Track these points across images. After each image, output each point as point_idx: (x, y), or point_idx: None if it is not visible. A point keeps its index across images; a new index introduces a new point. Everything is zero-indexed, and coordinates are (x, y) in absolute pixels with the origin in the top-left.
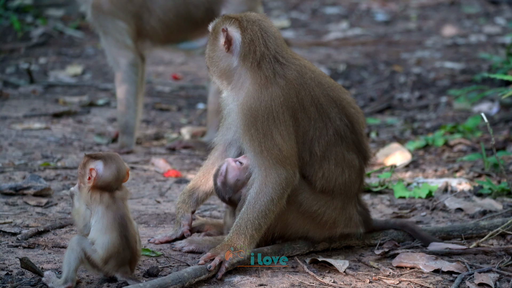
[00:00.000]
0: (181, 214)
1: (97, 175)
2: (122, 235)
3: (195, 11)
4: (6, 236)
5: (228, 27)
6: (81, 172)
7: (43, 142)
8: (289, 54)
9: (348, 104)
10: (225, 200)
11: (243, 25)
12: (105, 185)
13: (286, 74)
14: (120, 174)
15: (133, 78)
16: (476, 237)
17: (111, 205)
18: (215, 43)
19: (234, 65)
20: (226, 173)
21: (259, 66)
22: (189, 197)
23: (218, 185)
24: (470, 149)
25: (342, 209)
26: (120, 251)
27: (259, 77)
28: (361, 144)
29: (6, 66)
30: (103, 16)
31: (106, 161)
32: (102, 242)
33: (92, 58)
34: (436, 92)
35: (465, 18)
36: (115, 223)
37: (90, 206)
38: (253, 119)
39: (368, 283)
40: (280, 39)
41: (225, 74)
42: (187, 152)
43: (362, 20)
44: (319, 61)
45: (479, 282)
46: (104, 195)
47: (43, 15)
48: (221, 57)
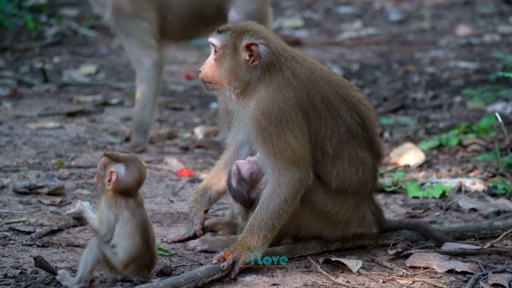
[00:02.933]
0: (193, 213)
1: (117, 178)
2: (144, 240)
3: (207, 8)
4: (20, 235)
5: (251, 42)
6: (100, 173)
7: (57, 141)
8: (298, 53)
9: (358, 101)
10: (244, 198)
11: (265, 37)
12: (127, 189)
13: (300, 73)
14: (141, 178)
15: (156, 77)
16: (490, 237)
17: (135, 211)
18: (236, 57)
19: (256, 75)
20: (238, 170)
21: (281, 70)
22: (202, 196)
23: (234, 186)
24: (484, 149)
25: (355, 208)
26: (141, 256)
27: (276, 81)
28: (373, 142)
29: (21, 65)
30: (125, 17)
31: (128, 165)
32: (125, 246)
33: (105, 57)
34: (450, 91)
35: (479, 18)
36: (138, 229)
37: (115, 211)
38: (266, 123)
39: (381, 283)
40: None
41: (243, 85)
42: (200, 151)
43: (376, 19)
44: (332, 60)
45: (493, 283)
46: (129, 200)
47: (57, 14)
48: (243, 70)
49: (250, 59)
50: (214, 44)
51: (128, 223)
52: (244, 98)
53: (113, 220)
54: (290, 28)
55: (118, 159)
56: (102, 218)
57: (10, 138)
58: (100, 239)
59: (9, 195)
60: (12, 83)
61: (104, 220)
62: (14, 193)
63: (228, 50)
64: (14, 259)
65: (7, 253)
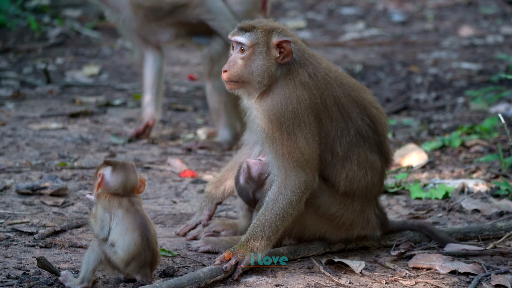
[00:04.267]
0: (205, 202)
1: (103, 180)
2: (143, 235)
3: None
4: (23, 236)
5: (283, 40)
6: (94, 176)
7: (60, 142)
8: (316, 53)
9: (369, 104)
10: (249, 198)
11: (292, 34)
12: (113, 191)
13: (318, 73)
14: (127, 183)
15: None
16: (493, 238)
17: (130, 208)
18: (268, 55)
19: (281, 72)
20: (248, 169)
21: (304, 67)
22: (216, 188)
23: (241, 183)
24: (487, 150)
25: (360, 211)
26: (141, 252)
27: (296, 78)
28: (383, 146)
29: (24, 66)
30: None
31: (115, 169)
32: (123, 243)
33: (108, 58)
34: (453, 92)
35: (482, 19)
36: (135, 224)
37: (109, 210)
38: (278, 123)
39: (384, 284)
40: None
41: (270, 82)
42: (203, 152)
43: (379, 20)
44: (335, 61)
45: (496, 284)
46: (122, 199)
47: (60, 15)
48: (274, 68)
49: (280, 56)
50: (242, 43)
51: (124, 219)
52: (258, 98)
53: (108, 219)
54: (293, 29)
55: (108, 163)
56: (97, 216)
57: (13, 139)
58: (95, 237)
59: (12, 196)
60: (15, 84)
61: (98, 219)
62: (17, 194)
63: (260, 48)
64: (17, 260)
65: (10, 254)
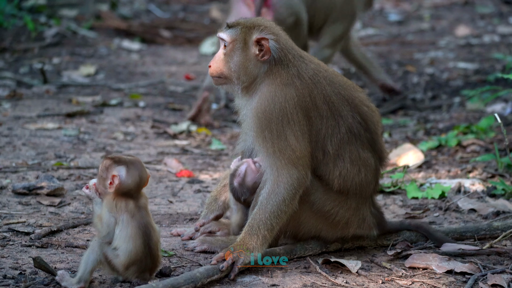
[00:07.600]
0: (204, 213)
1: (119, 182)
2: (145, 244)
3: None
4: (20, 236)
5: (262, 37)
6: (102, 175)
7: (56, 142)
8: (306, 54)
9: (361, 102)
10: (239, 200)
11: (275, 33)
12: (126, 191)
13: (304, 73)
14: (142, 181)
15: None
16: (490, 238)
17: (136, 214)
18: (245, 52)
19: (263, 70)
20: (244, 175)
21: (287, 67)
22: (215, 201)
23: (235, 185)
24: (484, 150)
25: (355, 209)
26: (142, 259)
27: (280, 78)
28: (376, 143)
29: (20, 66)
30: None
31: (129, 168)
32: (126, 248)
33: (105, 58)
34: (449, 92)
35: (478, 18)
36: (139, 232)
37: (115, 214)
38: (267, 121)
39: (380, 283)
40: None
41: (250, 79)
42: (200, 152)
43: (375, 20)
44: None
45: (492, 283)
46: (129, 203)
47: (57, 15)
48: (252, 65)
49: (260, 53)
50: (224, 39)
51: (128, 226)
52: (248, 94)
53: (113, 223)
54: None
55: (120, 161)
56: (103, 219)
57: (10, 138)
58: (100, 239)
59: (8, 196)
60: (11, 84)
61: (104, 223)
62: (13, 193)
63: (238, 45)
64: (13, 260)
65: (6, 254)
